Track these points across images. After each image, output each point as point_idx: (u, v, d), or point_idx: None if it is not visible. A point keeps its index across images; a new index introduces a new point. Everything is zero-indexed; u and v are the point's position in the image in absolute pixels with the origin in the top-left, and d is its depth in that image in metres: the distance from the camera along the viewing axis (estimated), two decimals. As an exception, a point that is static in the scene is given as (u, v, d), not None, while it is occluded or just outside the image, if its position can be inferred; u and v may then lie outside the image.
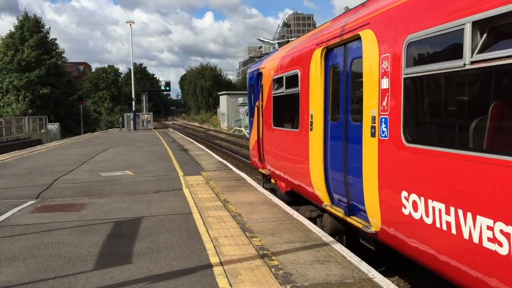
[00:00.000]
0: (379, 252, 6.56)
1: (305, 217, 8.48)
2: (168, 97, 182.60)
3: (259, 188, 11.45)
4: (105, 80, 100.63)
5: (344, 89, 7.07)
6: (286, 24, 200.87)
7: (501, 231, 3.81)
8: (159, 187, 11.79)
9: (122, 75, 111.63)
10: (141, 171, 15.02)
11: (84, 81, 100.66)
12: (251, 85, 13.93)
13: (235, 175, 13.95)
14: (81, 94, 64.78)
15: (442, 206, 4.55)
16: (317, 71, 7.87)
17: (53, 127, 49.39)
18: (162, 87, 69.40)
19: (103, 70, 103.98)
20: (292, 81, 9.35)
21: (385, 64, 5.58)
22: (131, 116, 53.45)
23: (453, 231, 4.39)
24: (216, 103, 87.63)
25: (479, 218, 4.05)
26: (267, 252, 6.20)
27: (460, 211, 4.29)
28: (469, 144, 4.30)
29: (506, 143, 3.92)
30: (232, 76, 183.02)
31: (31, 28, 57.19)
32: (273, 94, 10.88)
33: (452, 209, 4.40)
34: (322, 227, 8.20)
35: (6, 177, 14.10)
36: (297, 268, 5.58)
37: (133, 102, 56.09)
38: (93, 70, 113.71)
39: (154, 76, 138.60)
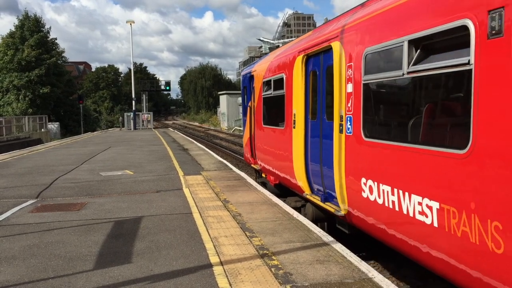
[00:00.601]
0: (355, 236, 7.31)
1: (290, 207, 9.24)
2: (168, 97, 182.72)
3: (259, 187, 11.46)
4: (105, 79, 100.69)
5: (321, 92, 8.08)
6: (286, 24, 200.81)
7: (427, 205, 4.76)
8: (159, 186, 11.79)
9: (122, 75, 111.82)
10: (141, 170, 15.03)
11: (84, 80, 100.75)
12: (244, 86, 14.92)
13: (235, 174, 13.96)
14: (81, 94, 64.75)
15: (388, 188, 5.53)
16: (298, 75, 8.89)
17: (53, 126, 49.41)
18: (162, 87, 69.53)
19: (103, 70, 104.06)
20: (279, 84, 10.32)
21: (349, 71, 6.56)
22: (131, 115, 53.48)
23: (396, 208, 5.36)
24: (216, 103, 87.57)
25: (413, 196, 5.02)
26: (267, 252, 6.20)
27: (400, 191, 5.27)
28: (408, 138, 5.24)
29: (435, 137, 4.86)
30: (232, 76, 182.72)
31: (31, 28, 57.22)
32: (263, 95, 11.85)
33: (395, 190, 5.38)
34: (305, 215, 8.96)
35: (6, 176, 14.10)
36: (297, 268, 5.58)
37: (133, 101, 56.09)
38: (93, 69, 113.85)
39: (154, 76, 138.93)
